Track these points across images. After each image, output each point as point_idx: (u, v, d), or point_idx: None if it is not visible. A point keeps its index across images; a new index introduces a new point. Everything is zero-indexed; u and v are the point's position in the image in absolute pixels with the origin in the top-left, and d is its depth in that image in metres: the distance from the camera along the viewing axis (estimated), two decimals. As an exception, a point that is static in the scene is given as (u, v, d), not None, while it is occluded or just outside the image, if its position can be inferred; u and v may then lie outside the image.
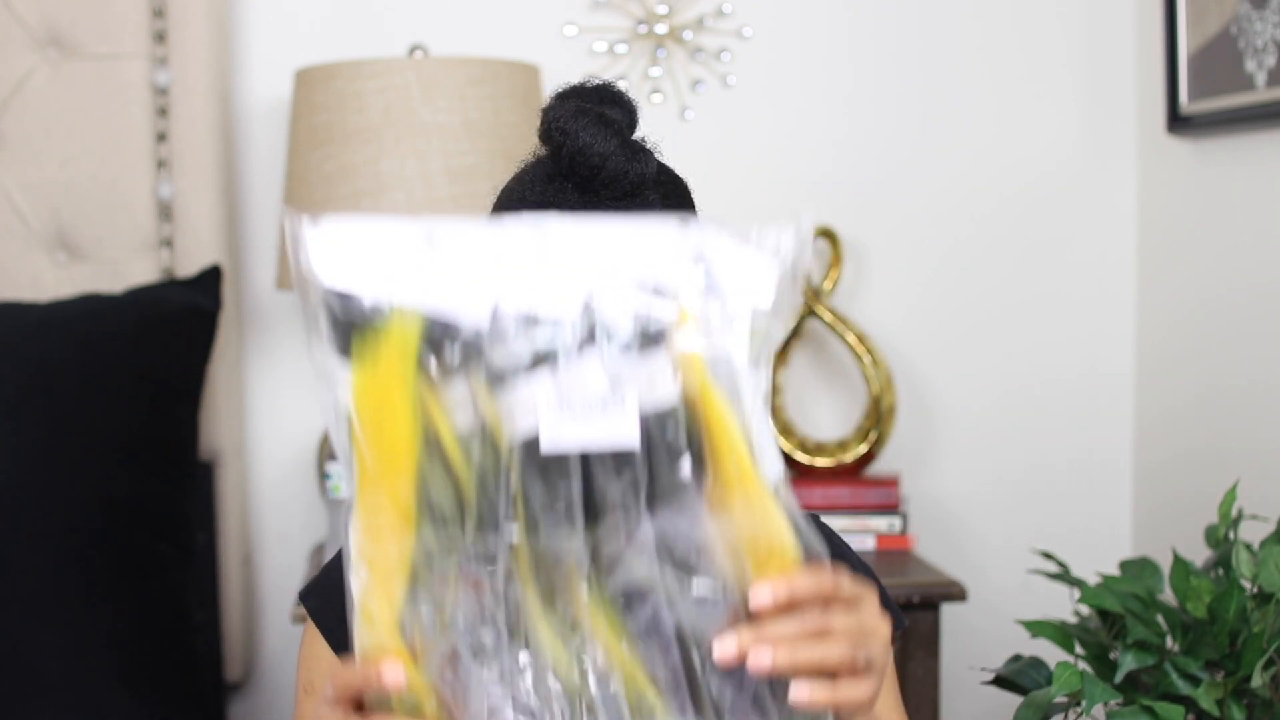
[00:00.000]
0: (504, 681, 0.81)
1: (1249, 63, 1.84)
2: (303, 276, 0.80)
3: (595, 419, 0.80)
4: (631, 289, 0.81)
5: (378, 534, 0.80)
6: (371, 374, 0.79)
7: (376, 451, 0.80)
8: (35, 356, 1.72)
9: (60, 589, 1.66)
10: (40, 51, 1.90)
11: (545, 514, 0.80)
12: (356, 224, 0.81)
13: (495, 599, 0.81)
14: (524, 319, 0.80)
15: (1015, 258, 2.17)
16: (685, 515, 0.81)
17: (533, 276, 0.81)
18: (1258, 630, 1.33)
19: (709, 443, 0.81)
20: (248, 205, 2.06)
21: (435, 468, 0.79)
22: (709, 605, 0.81)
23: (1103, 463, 2.20)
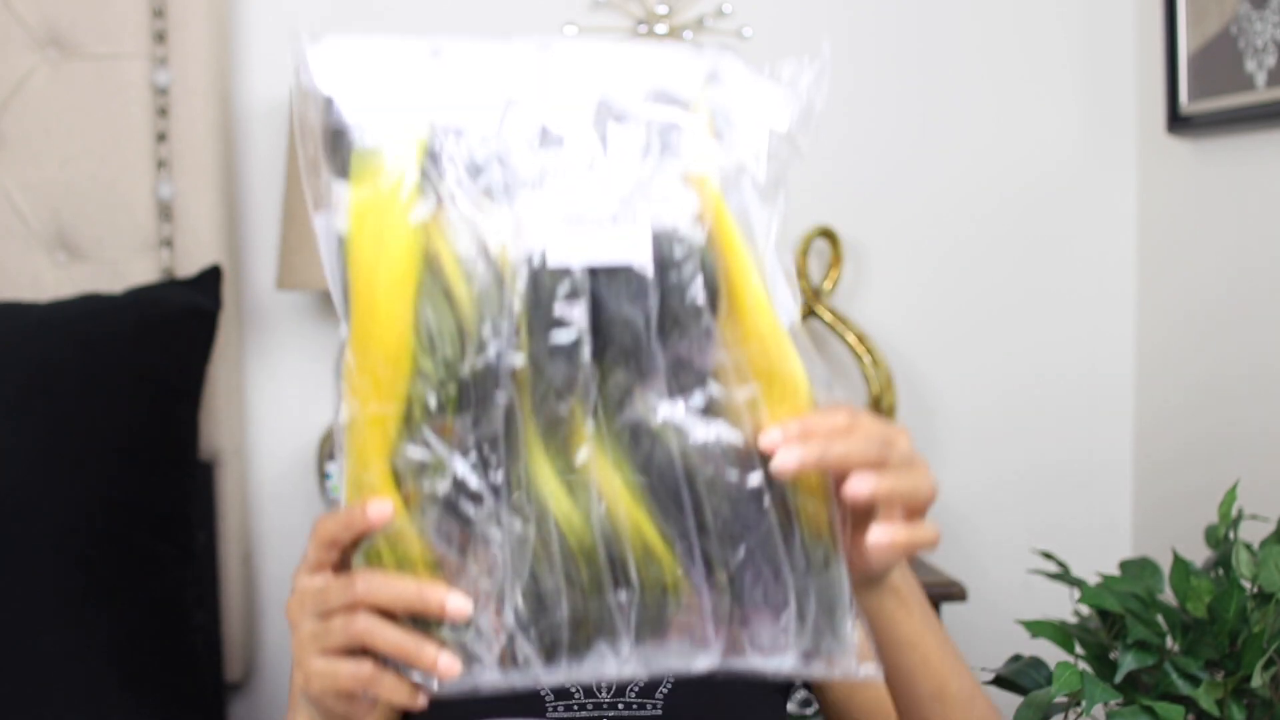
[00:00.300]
0: (502, 529, 0.74)
1: (1249, 63, 1.84)
2: (303, 93, 0.75)
3: (605, 234, 0.74)
4: (644, 103, 0.76)
5: (372, 367, 0.74)
6: (371, 193, 0.74)
7: (373, 276, 0.74)
8: (35, 356, 1.72)
9: (60, 589, 1.66)
10: (40, 51, 1.90)
11: (551, 340, 0.74)
12: (359, 40, 0.76)
13: (494, 439, 0.74)
14: (533, 132, 0.75)
15: (1015, 258, 2.17)
16: (697, 346, 0.76)
17: (542, 91, 0.76)
18: (1258, 630, 1.33)
19: (723, 268, 0.76)
20: (248, 205, 2.06)
21: (435, 292, 0.74)
22: (721, 445, 0.75)
23: (1103, 462, 2.20)
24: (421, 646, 0.72)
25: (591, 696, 1.04)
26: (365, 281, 0.74)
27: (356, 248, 0.74)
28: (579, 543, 0.75)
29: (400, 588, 0.73)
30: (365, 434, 0.74)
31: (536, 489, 0.75)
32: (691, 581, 0.75)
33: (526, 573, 0.74)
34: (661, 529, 0.75)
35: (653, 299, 0.75)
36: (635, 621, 0.75)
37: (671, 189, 0.76)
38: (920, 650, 0.90)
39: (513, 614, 0.74)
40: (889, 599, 0.87)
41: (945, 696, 0.91)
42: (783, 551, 0.76)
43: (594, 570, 0.75)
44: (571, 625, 0.74)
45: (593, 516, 0.75)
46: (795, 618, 0.77)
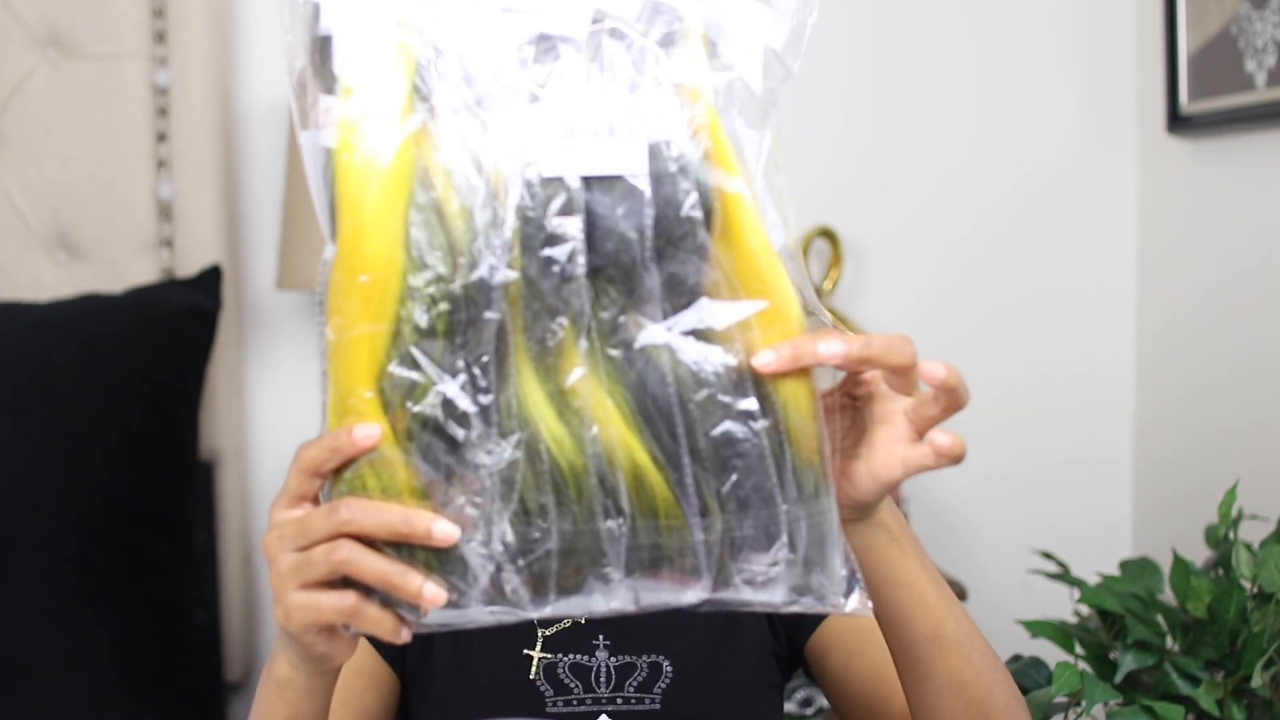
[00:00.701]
0: (491, 454, 0.72)
1: (1249, 63, 1.84)
2: (291, 6, 0.73)
3: (600, 146, 0.72)
4: (638, 14, 0.74)
5: (359, 286, 0.71)
6: (360, 104, 0.71)
7: (362, 191, 0.71)
8: (35, 356, 1.72)
9: (60, 589, 1.66)
10: (40, 51, 1.90)
11: (545, 255, 0.72)
12: None
13: (484, 360, 0.72)
14: (527, 43, 0.73)
15: (1015, 258, 2.17)
16: (691, 263, 0.74)
17: (537, 3, 0.74)
18: (1258, 630, 1.33)
19: (716, 184, 0.74)
20: (248, 205, 2.06)
21: (426, 207, 0.71)
22: (713, 366, 0.74)
23: (1103, 462, 2.20)
24: (407, 575, 0.71)
25: (590, 691, 1.04)
26: (353, 197, 0.71)
27: (344, 161, 0.72)
28: (570, 467, 0.73)
29: (386, 514, 0.71)
30: (351, 355, 0.72)
31: (527, 411, 0.73)
32: (683, 507, 0.74)
33: (515, 499, 0.72)
34: (653, 453, 0.73)
35: (648, 213, 0.73)
36: (626, 550, 0.73)
37: (666, 102, 0.74)
38: (915, 590, 0.88)
39: (500, 543, 0.72)
40: (880, 535, 0.86)
41: (941, 637, 0.89)
42: (775, 478, 0.74)
43: (585, 496, 0.73)
44: (561, 555, 0.73)
45: (585, 440, 0.73)
46: (787, 548, 0.75)
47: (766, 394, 0.75)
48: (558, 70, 0.73)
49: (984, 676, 0.91)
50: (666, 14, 0.75)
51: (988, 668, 0.92)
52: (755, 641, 1.10)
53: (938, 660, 0.89)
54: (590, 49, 0.74)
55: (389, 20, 0.73)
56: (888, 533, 0.86)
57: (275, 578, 0.74)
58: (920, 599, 0.88)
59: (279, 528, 0.74)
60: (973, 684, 0.91)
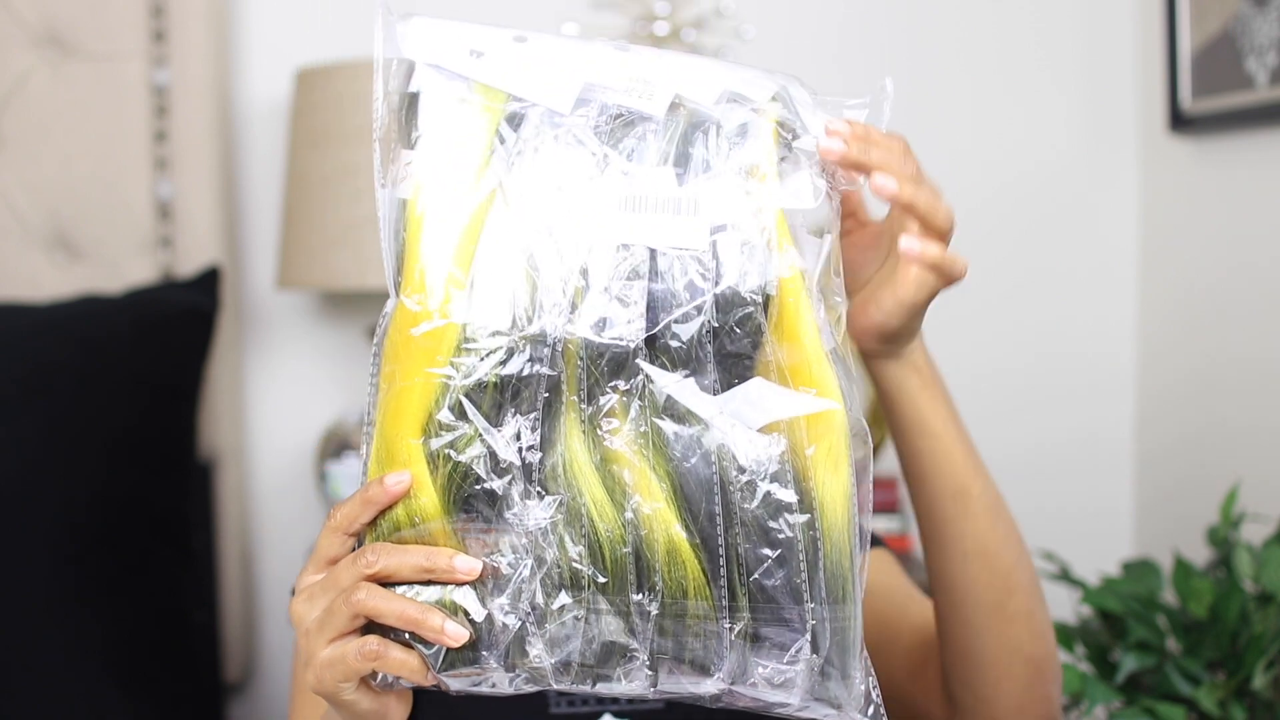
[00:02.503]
0: (530, 513, 0.72)
1: (1249, 62, 1.84)
2: (386, 65, 0.75)
3: (668, 220, 0.74)
4: (716, 103, 0.76)
5: (418, 336, 0.72)
6: (437, 158, 0.73)
7: (432, 240, 0.72)
8: (34, 357, 1.71)
9: (58, 589, 1.65)
10: (39, 51, 1.90)
11: (607, 319, 0.73)
12: (447, 22, 0.77)
13: (533, 417, 0.72)
14: (608, 117, 0.75)
15: (1016, 258, 2.17)
16: (746, 346, 0.75)
17: (621, 82, 0.76)
18: (1259, 631, 1.33)
19: (775, 272, 0.75)
20: (247, 205, 2.06)
21: (495, 257, 0.72)
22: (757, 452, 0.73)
23: (1103, 463, 2.20)
24: (428, 613, 0.71)
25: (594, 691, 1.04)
26: (418, 244, 0.73)
27: (417, 214, 0.73)
28: (608, 535, 0.73)
29: (409, 553, 0.71)
30: (401, 403, 0.72)
31: (572, 474, 0.73)
32: (712, 591, 0.73)
33: (550, 561, 0.73)
34: (690, 532, 0.73)
35: (709, 289, 0.74)
36: (653, 628, 0.73)
37: (735, 186, 0.75)
38: (943, 441, 0.87)
39: (529, 604, 0.72)
40: (912, 377, 0.85)
41: (968, 496, 0.87)
42: (805, 575, 0.73)
43: (620, 566, 0.73)
44: (587, 623, 0.73)
45: (626, 509, 0.73)
46: (809, 646, 0.74)
47: (808, 489, 0.74)
48: (633, 144, 0.75)
49: (1010, 548, 0.89)
50: (744, 104, 0.77)
51: (1014, 541, 0.90)
52: None
53: (963, 520, 0.88)
54: (668, 129, 0.75)
55: (478, 83, 0.75)
56: (920, 376, 0.86)
57: (303, 640, 0.74)
58: (947, 451, 0.87)
59: (307, 590, 0.74)
60: (998, 552, 0.89)
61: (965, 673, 0.90)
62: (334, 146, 1.76)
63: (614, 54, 0.78)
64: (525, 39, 0.77)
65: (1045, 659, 0.90)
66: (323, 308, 2.08)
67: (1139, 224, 2.17)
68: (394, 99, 0.75)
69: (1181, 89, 1.98)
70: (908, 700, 0.98)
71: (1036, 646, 0.90)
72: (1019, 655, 0.89)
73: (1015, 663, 0.89)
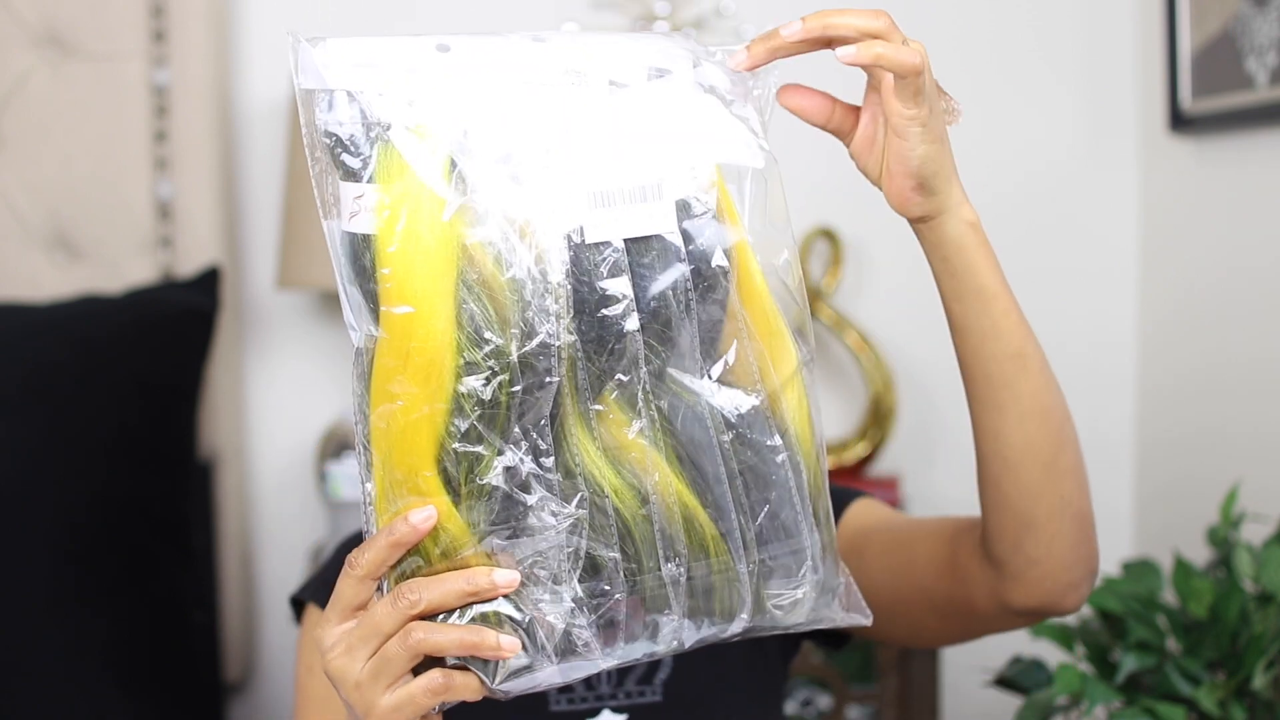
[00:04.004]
0: (556, 516, 0.74)
1: (1249, 62, 1.84)
2: (307, 95, 0.73)
3: (634, 208, 0.75)
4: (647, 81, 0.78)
5: (416, 369, 0.72)
6: (400, 189, 0.72)
7: (410, 275, 0.71)
8: (33, 357, 1.71)
9: (58, 589, 1.65)
10: (39, 51, 1.90)
11: (601, 315, 0.74)
12: (362, 41, 0.75)
13: (540, 424, 0.74)
14: (552, 115, 0.75)
15: (1016, 259, 2.15)
16: (717, 310, 0.79)
17: (555, 75, 0.76)
18: (1259, 631, 1.33)
19: (732, 237, 0.79)
20: (248, 205, 2.06)
21: (474, 283, 0.72)
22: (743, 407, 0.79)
23: (1103, 462, 2.20)
24: (481, 633, 0.72)
25: (592, 689, 1.04)
26: (402, 282, 0.72)
27: (387, 249, 0.72)
28: (632, 517, 0.76)
29: (448, 582, 0.72)
30: (409, 438, 0.72)
31: (587, 469, 0.75)
32: (728, 544, 0.78)
33: (583, 555, 0.75)
34: (700, 495, 0.77)
35: (684, 269, 0.77)
36: (685, 591, 0.77)
37: (685, 160, 0.78)
38: (1001, 301, 0.88)
39: (570, 600, 0.74)
40: (968, 232, 0.87)
41: (1025, 356, 0.89)
42: (799, 505, 0.80)
43: (648, 543, 0.76)
44: (629, 603, 0.75)
45: (644, 490, 0.76)
46: (811, 570, 0.80)
47: (785, 429, 0.80)
48: (583, 137, 0.75)
49: (1060, 403, 0.92)
50: (668, 76, 0.79)
51: (1062, 396, 0.92)
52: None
53: (1022, 381, 0.89)
54: (609, 114, 0.76)
55: (420, 104, 0.73)
56: (976, 232, 0.88)
57: (354, 694, 0.74)
58: (1006, 311, 0.89)
59: (342, 642, 0.74)
60: (1054, 408, 0.91)
61: (1017, 537, 0.91)
62: (334, 146, 1.76)
63: (537, 47, 0.79)
64: (448, 47, 0.76)
65: (1090, 512, 0.93)
66: (323, 308, 2.08)
67: (1139, 224, 2.17)
68: (319, 131, 0.73)
69: (1181, 89, 1.98)
70: (943, 600, 1.00)
71: (1084, 500, 0.92)
72: (1070, 510, 0.91)
73: (1066, 518, 0.91)
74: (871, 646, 1.83)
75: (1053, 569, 0.92)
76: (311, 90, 0.73)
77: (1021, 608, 0.94)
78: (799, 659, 1.82)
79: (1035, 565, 0.92)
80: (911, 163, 0.83)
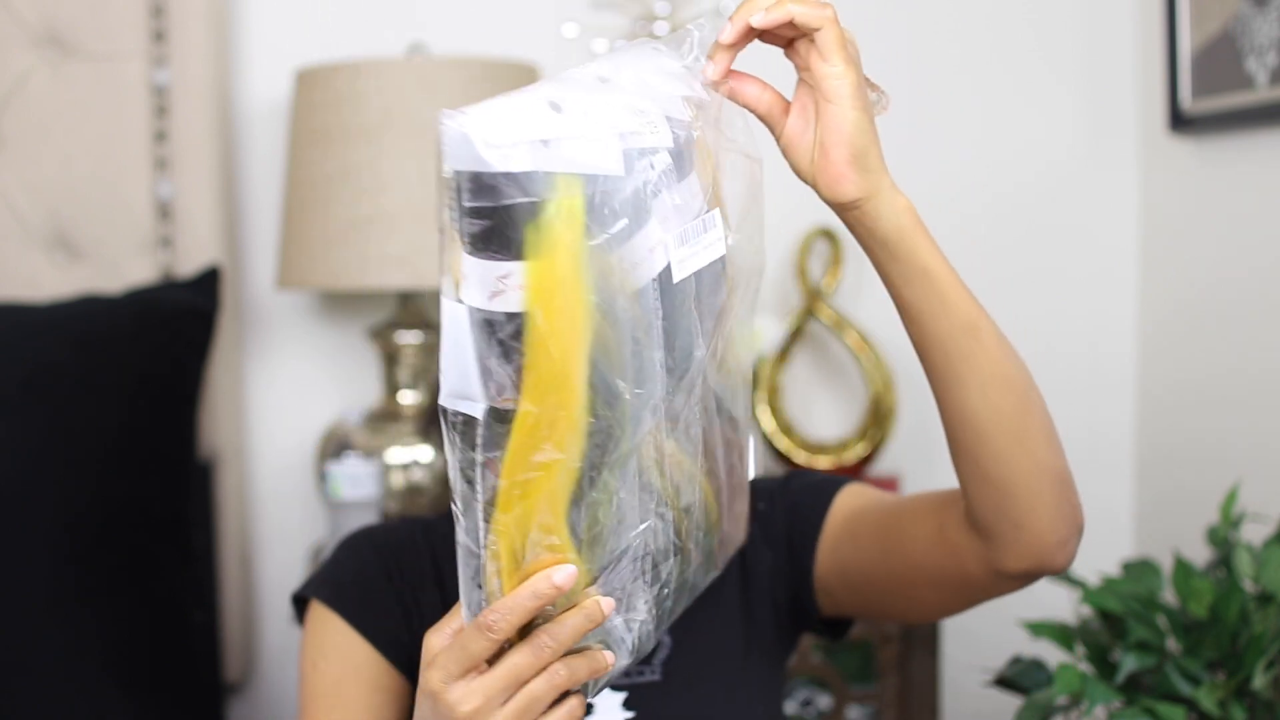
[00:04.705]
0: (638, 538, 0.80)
1: (1249, 62, 1.84)
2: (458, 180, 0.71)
3: (700, 239, 0.79)
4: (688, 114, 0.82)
5: (559, 434, 0.74)
6: (547, 266, 0.72)
7: (560, 347, 0.73)
8: (33, 357, 1.71)
9: (58, 589, 1.65)
10: (39, 51, 1.90)
11: (691, 348, 0.79)
12: (495, 111, 0.73)
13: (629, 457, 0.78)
14: (652, 167, 0.78)
15: (1016, 259, 2.17)
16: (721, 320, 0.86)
17: (630, 123, 0.78)
18: (1259, 631, 1.33)
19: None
20: (247, 205, 2.06)
21: (600, 342, 0.75)
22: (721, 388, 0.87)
23: (1103, 463, 2.20)
24: (594, 657, 0.81)
25: None
26: (554, 357, 0.73)
27: (536, 325, 0.73)
28: (678, 518, 0.83)
29: (572, 622, 0.78)
30: (550, 499, 0.75)
31: (656, 490, 0.81)
32: (721, 509, 0.86)
33: (653, 553, 0.81)
34: (709, 475, 0.86)
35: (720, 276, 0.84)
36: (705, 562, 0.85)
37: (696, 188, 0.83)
38: (945, 277, 0.90)
39: (649, 613, 0.81)
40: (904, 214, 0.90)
41: (978, 328, 0.91)
42: (738, 461, 0.90)
43: (690, 537, 0.84)
44: (676, 594, 0.83)
45: (684, 490, 0.83)
46: (751, 507, 0.95)
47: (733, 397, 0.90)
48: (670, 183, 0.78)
49: (1021, 369, 0.94)
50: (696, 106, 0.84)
51: (1021, 362, 0.94)
52: (746, 613, 1.11)
53: (979, 351, 0.91)
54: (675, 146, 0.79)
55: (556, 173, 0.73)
56: (911, 214, 0.91)
57: None
58: (952, 286, 0.91)
59: (477, 693, 0.79)
60: (1015, 375, 0.93)
61: (1000, 504, 0.93)
62: (334, 146, 1.77)
63: (603, 87, 0.79)
64: (560, 105, 0.75)
65: (1066, 470, 0.95)
66: (323, 308, 2.08)
67: (1139, 224, 2.17)
68: (465, 211, 0.72)
69: (1181, 89, 1.98)
70: (938, 572, 1.01)
71: (1059, 460, 0.94)
72: (1046, 471, 0.93)
73: (1043, 479, 0.93)
74: (871, 646, 1.83)
75: (1038, 530, 0.94)
76: (462, 172, 0.71)
77: (1014, 571, 0.96)
78: (799, 659, 1.82)
79: (1021, 529, 0.94)
80: (846, 129, 0.85)
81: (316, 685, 1.04)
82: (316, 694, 1.04)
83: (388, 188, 1.74)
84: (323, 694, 1.04)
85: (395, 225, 1.74)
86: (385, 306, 2.04)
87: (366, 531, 1.15)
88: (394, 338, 1.90)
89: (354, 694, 1.04)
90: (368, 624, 1.06)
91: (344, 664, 1.05)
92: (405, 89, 1.75)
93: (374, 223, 1.74)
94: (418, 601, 1.09)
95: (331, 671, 1.05)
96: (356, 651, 1.05)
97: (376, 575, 1.09)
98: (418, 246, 1.74)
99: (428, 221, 1.74)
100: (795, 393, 2.12)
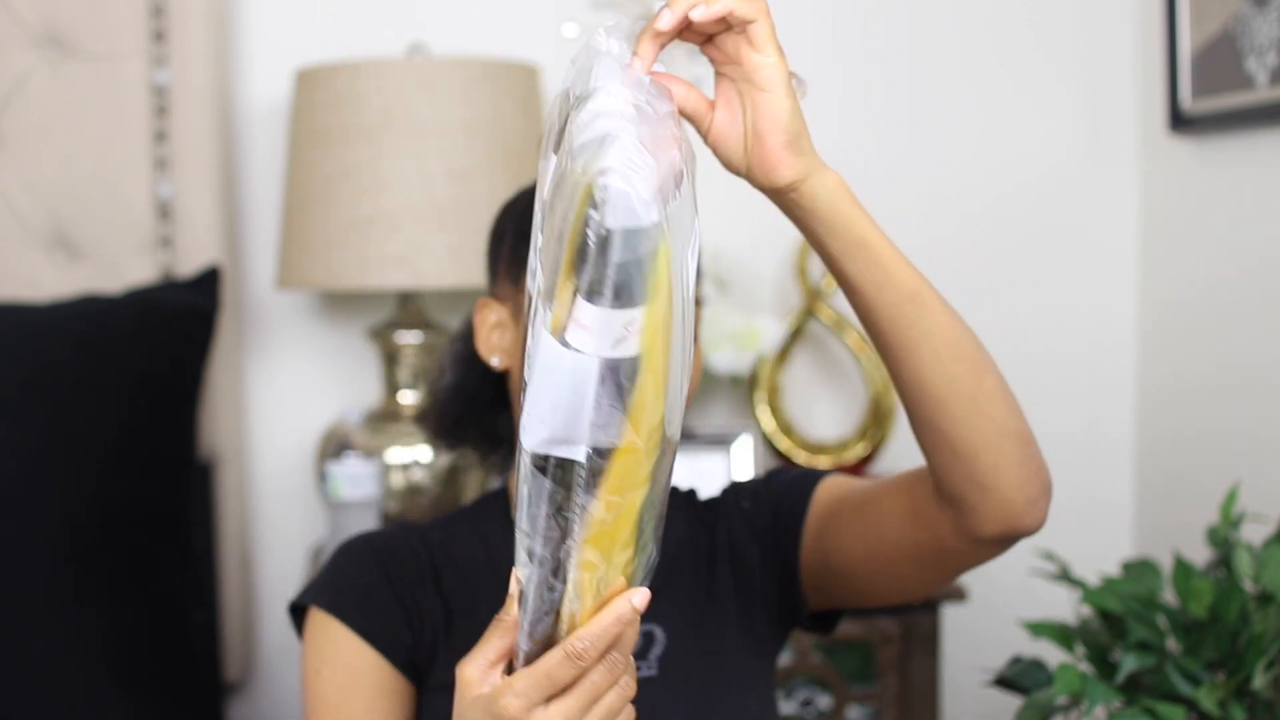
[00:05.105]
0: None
1: (1249, 62, 1.84)
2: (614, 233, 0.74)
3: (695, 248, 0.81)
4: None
5: (649, 464, 0.78)
6: (658, 308, 0.76)
7: (664, 383, 0.78)
8: (33, 357, 1.71)
9: (58, 589, 1.65)
10: (39, 51, 1.90)
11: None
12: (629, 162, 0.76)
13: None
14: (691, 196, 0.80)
15: (1016, 259, 2.17)
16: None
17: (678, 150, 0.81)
18: (1259, 631, 1.33)
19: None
20: (247, 205, 2.06)
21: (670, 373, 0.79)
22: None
23: (1103, 462, 2.20)
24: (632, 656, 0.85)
25: None
26: (659, 393, 0.77)
27: (651, 365, 0.77)
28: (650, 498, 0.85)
29: (628, 636, 0.82)
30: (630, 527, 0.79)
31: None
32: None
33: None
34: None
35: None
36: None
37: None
38: (884, 248, 0.92)
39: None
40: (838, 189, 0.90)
41: (922, 295, 0.93)
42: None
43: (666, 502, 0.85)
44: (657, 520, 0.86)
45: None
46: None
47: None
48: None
49: (969, 334, 0.96)
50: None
51: (967, 326, 0.96)
52: (739, 609, 1.12)
53: (925, 318, 0.93)
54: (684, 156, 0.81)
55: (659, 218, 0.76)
56: (845, 190, 0.91)
57: None
58: (892, 258, 0.93)
59: (560, 716, 0.81)
60: (963, 339, 0.95)
61: (965, 469, 0.94)
62: (334, 146, 1.76)
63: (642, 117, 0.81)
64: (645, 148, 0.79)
65: (1027, 429, 0.96)
66: (323, 308, 2.08)
67: (1139, 224, 2.17)
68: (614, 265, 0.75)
69: (1181, 89, 1.98)
70: (915, 548, 1.02)
71: (1018, 420, 0.95)
72: (1007, 432, 0.94)
73: (1005, 440, 0.94)
74: (871, 646, 1.83)
75: (1006, 492, 0.95)
76: (615, 229, 0.74)
77: (989, 535, 0.97)
78: (799, 659, 1.82)
79: (988, 492, 0.94)
80: (781, 116, 0.86)
81: (322, 693, 1.04)
82: (322, 701, 1.04)
83: (388, 188, 1.74)
84: (329, 701, 1.04)
85: (395, 225, 1.74)
86: (385, 306, 2.04)
87: (363, 537, 1.16)
88: (394, 338, 1.90)
89: (360, 700, 1.04)
90: (370, 628, 1.06)
91: (348, 670, 1.05)
92: (405, 89, 1.75)
93: (374, 223, 1.74)
94: (418, 604, 1.09)
95: (336, 678, 1.05)
96: (360, 657, 1.05)
97: (376, 578, 1.09)
98: (418, 246, 1.74)
99: (428, 221, 1.74)
100: (795, 393, 2.12)
